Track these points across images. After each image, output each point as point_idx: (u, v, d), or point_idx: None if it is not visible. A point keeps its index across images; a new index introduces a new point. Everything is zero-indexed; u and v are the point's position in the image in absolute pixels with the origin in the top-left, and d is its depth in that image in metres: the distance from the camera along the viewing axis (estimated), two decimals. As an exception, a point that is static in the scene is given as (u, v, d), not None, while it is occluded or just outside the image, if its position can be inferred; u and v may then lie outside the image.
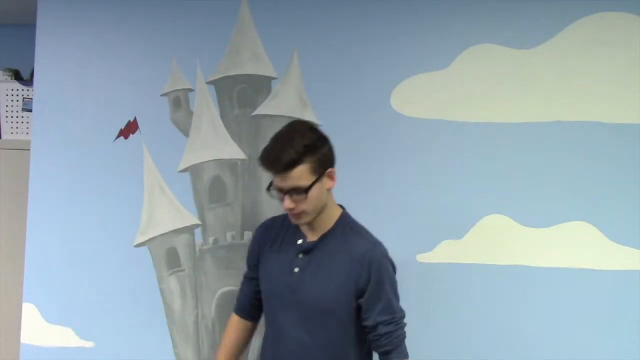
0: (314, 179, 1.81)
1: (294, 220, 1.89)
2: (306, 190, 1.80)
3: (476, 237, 2.32)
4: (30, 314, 2.53)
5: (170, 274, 2.49)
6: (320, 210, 1.88)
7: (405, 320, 1.91)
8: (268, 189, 1.90)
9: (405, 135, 2.38)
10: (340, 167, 2.38)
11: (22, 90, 3.13)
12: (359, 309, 1.88)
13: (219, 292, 2.48)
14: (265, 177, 2.44)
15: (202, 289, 2.49)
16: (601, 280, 2.25)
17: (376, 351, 1.91)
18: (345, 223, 1.94)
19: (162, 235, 2.50)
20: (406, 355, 1.89)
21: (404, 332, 1.91)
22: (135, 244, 2.51)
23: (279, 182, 1.82)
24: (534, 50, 2.34)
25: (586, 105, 2.30)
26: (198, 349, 2.48)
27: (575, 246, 2.28)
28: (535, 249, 2.29)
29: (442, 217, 2.34)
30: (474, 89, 2.36)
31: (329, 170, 1.87)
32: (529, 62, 2.34)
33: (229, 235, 2.47)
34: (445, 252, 2.33)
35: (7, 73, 3.16)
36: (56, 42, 2.59)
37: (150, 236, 2.51)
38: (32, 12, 2.64)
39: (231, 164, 2.49)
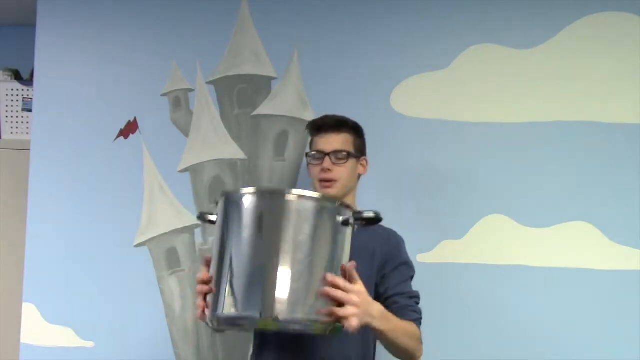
0: (354, 152, 1.93)
1: (322, 190, 1.88)
2: (347, 155, 1.89)
3: (476, 237, 2.32)
4: (30, 314, 2.53)
5: (170, 274, 2.49)
6: (348, 191, 1.93)
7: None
8: (307, 155, 1.98)
9: (405, 135, 2.38)
10: (340, 167, 2.40)
11: (22, 90, 3.12)
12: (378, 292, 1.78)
13: (219, 292, 2.47)
14: (266, 177, 2.45)
15: (202, 289, 2.48)
16: (601, 280, 2.25)
17: None
18: None
19: (162, 235, 2.50)
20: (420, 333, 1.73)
21: (421, 317, 1.79)
22: (135, 244, 2.51)
23: (322, 144, 1.91)
24: (534, 50, 2.34)
25: (586, 105, 2.30)
26: (198, 349, 2.48)
27: (575, 246, 2.28)
28: (535, 249, 2.29)
29: (442, 217, 2.34)
30: (474, 89, 2.36)
31: (365, 157, 2.01)
32: (529, 62, 2.34)
33: (229, 235, 2.47)
34: (445, 252, 2.33)
35: (7, 73, 3.16)
36: (56, 42, 2.59)
37: (150, 236, 2.51)
38: (32, 12, 2.64)
39: (231, 164, 2.48)
